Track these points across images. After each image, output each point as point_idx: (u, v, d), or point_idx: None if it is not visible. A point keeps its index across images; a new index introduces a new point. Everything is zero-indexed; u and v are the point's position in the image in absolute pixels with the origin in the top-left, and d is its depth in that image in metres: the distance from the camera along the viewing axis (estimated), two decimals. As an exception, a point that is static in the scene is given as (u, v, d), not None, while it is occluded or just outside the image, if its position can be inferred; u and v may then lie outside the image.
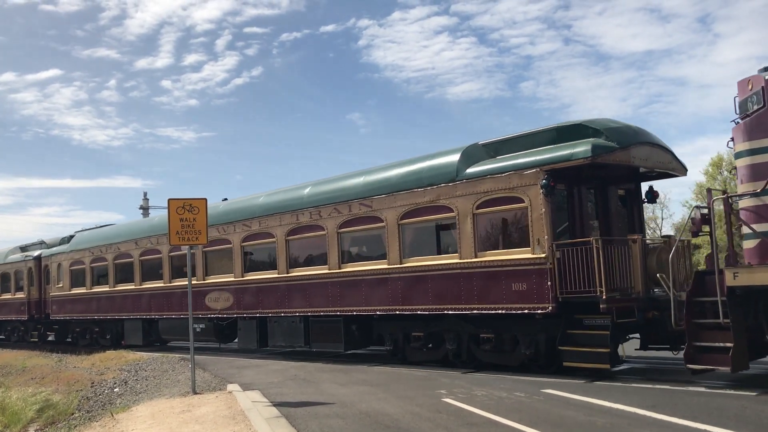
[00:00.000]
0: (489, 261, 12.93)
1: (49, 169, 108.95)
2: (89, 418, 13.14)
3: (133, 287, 23.22)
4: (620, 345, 12.38)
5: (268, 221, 17.99)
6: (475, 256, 13.12)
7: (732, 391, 9.70)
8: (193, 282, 16.98)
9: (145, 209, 48.30)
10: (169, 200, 12.90)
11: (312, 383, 12.57)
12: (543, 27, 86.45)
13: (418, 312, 14.10)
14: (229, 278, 19.04)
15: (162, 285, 21.79)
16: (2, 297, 32.78)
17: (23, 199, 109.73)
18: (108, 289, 24.67)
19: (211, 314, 18.55)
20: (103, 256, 24.95)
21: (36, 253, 30.50)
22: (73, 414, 14.11)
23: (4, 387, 17.98)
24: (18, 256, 32.23)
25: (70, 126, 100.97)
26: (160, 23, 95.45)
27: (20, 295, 31.08)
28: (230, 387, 12.48)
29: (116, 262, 24.34)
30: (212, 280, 19.66)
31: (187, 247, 13.24)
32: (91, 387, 16.64)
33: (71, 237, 28.57)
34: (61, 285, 27.56)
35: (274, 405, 10.25)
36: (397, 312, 14.50)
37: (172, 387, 13.61)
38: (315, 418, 9.25)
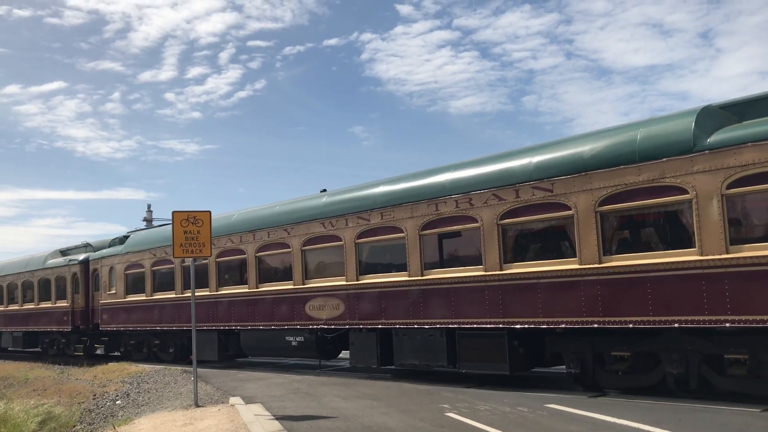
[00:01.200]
0: (751, 258, 9.60)
1: (52, 180, 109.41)
2: (91, 431, 13.12)
3: (208, 293, 19.65)
4: None
5: (395, 213, 14.58)
6: (726, 251, 9.86)
7: (736, 408, 9.64)
8: (289, 287, 16.13)
9: (149, 221, 48.35)
10: (173, 213, 12.94)
11: (314, 397, 12.54)
12: (545, 41, 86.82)
13: (629, 325, 10.84)
14: (338, 282, 15.66)
15: (246, 290, 18.31)
16: (41, 306, 29.62)
17: (27, 211, 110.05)
18: (174, 295, 21.22)
19: (313, 325, 15.94)
20: (168, 258, 21.42)
21: (82, 256, 27.44)
22: (75, 426, 14.11)
23: (7, 399, 17.95)
24: (60, 260, 28.88)
25: (73, 138, 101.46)
26: (164, 36, 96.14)
27: (62, 303, 27.85)
28: (232, 400, 12.44)
29: (185, 264, 20.62)
30: (315, 284, 16.30)
31: (192, 259, 13.25)
32: (93, 399, 16.61)
33: (125, 237, 25.79)
34: (113, 291, 24.37)
35: (277, 418, 10.22)
36: (595, 325, 11.24)
37: (174, 400, 13.57)
38: (317, 431, 9.23)
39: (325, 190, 17.52)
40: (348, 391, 13.04)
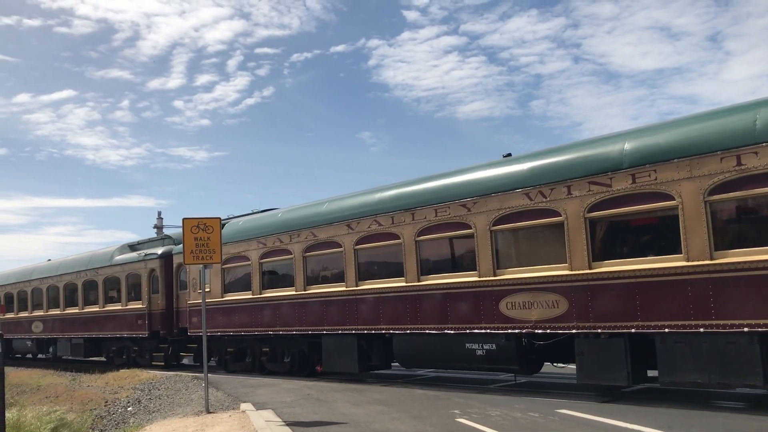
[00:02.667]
0: None
1: (62, 188, 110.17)
2: (103, 437, 13.19)
3: (343, 289, 15.64)
4: None
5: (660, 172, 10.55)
6: None
7: (749, 414, 9.57)
8: (477, 279, 12.74)
9: (159, 228, 48.60)
10: (183, 220, 13.05)
11: (325, 402, 12.55)
12: (552, 46, 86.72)
13: None
14: (557, 272, 11.67)
15: (403, 285, 14.22)
16: (107, 308, 25.65)
17: (38, 219, 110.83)
18: (293, 292, 17.07)
19: (512, 328, 12.19)
20: (284, 248, 17.45)
21: (160, 250, 23.71)
22: (87, 433, 14.16)
23: (20, 405, 18.05)
24: (131, 255, 25.10)
25: (83, 146, 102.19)
26: (172, 44, 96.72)
27: (136, 305, 23.93)
28: (243, 406, 12.47)
29: (309, 254, 16.78)
30: (514, 275, 12.29)
31: (201, 267, 13.31)
32: (105, 406, 16.70)
33: (221, 225, 21.18)
34: (207, 290, 18.98)
35: (288, 424, 10.24)
36: None
37: (185, 406, 13.62)
38: (328, 437, 9.24)
39: (509, 155, 13.68)
40: (359, 397, 13.04)
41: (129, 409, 15.39)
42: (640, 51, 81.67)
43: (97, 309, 26.27)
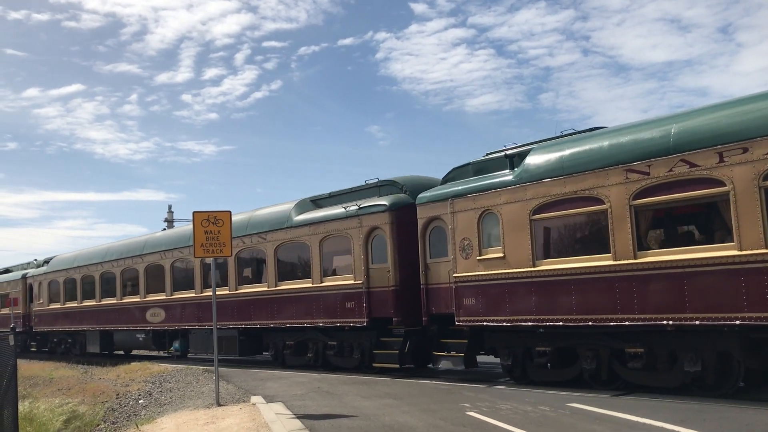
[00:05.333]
0: None
1: (73, 182, 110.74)
2: (114, 430, 13.28)
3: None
4: None
5: None
6: None
7: (762, 407, 9.49)
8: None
9: (169, 222, 48.79)
10: (194, 213, 13.06)
11: (335, 396, 12.56)
12: (561, 38, 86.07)
13: None
14: None
15: None
16: (283, 287, 18.42)
17: (48, 213, 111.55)
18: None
19: None
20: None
21: (385, 200, 16.01)
22: (98, 425, 14.27)
23: (32, 398, 18.21)
24: (330, 212, 17.42)
25: (92, 140, 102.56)
26: (179, 38, 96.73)
27: (340, 280, 16.76)
28: (254, 399, 12.50)
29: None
30: None
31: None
32: (117, 398, 16.80)
33: (501, 159, 13.79)
34: (498, 255, 13.12)
35: (298, 417, 10.25)
36: None
37: (196, 399, 13.68)
38: (338, 430, 9.24)
39: None
40: (369, 390, 13.04)
41: (140, 401, 15.48)
42: (650, 43, 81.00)
43: (264, 289, 18.76)
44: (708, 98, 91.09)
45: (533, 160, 12.79)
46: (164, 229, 35.00)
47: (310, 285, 17.34)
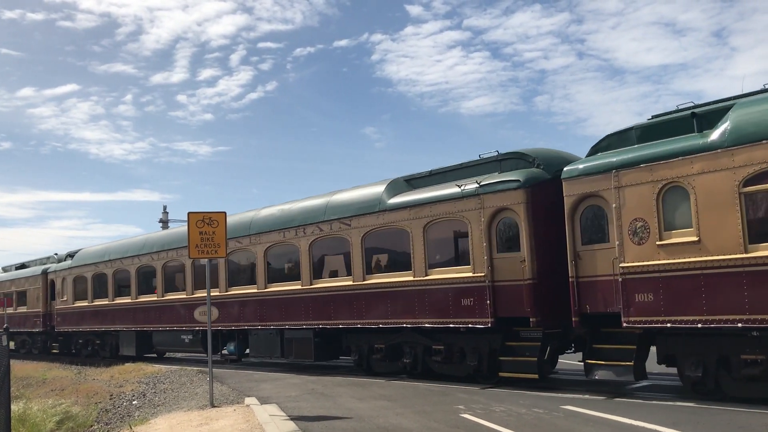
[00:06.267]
0: None
1: (68, 182, 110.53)
2: (108, 431, 13.23)
3: None
4: None
5: None
6: None
7: (756, 410, 9.52)
8: None
9: (164, 222, 48.70)
10: (189, 214, 13.03)
11: (329, 397, 12.54)
12: (556, 41, 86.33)
13: None
14: None
15: None
16: (374, 281, 15.63)
17: (43, 213, 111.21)
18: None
19: None
20: None
21: (513, 177, 13.14)
22: (92, 426, 14.24)
23: (25, 398, 18.13)
24: (440, 192, 14.41)
25: (87, 140, 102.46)
26: (175, 39, 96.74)
27: (453, 273, 13.90)
28: (248, 400, 12.48)
29: None
30: None
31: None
32: (110, 399, 16.75)
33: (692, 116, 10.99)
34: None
35: (292, 419, 10.23)
36: None
37: (190, 400, 13.64)
38: (332, 432, 9.23)
39: None
40: (363, 392, 13.03)
41: (134, 402, 15.43)
42: (645, 46, 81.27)
43: (348, 283, 16.07)
44: (703, 101, 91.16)
45: (741, 117, 10.09)
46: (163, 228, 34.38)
47: (410, 278, 14.57)
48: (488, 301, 12.96)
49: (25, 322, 32.22)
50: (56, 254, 32.44)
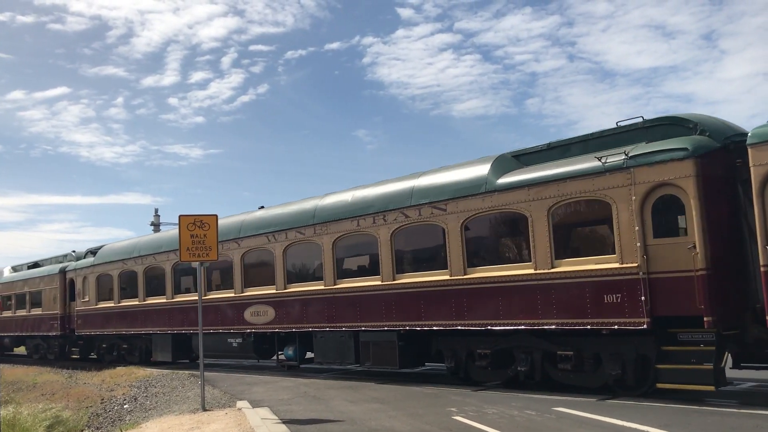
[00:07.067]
0: None
1: (58, 185, 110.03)
2: (99, 435, 13.17)
3: None
4: None
5: None
6: None
7: (746, 410, 9.57)
8: None
9: (156, 225, 48.50)
10: (180, 216, 12.99)
11: (322, 400, 12.52)
12: (547, 44, 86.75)
13: None
14: None
15: None
16: (480, 275, 13.16)
17: (34, 216, 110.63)
18: None
19: None
20: None
21: (677, 145, 10.67)
22: (82, 430, 14.16)
23: (15, 403, 18.01)
24: (567, 168, 12.05)
25: (78, 143, 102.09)
26: (166, 41, 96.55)
27: (590, 264, 11.50)
28: (240, 404, 12.44)
29: None
30: None
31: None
32: (101, 403, 16.67)
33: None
34: None
35: (284, 422, 10.21)
36: None
37: (181, 404, 13.59)
38: (324, 435, 9.22)
39: None
40: (355, 395, 13.02)
41: (125, 406, 15.36)
42: (635, 49, 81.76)
43: (444, 278, 13.70)
44: (694, 105, 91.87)
45: None
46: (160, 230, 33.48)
47: (531, 272, 12.22)
48: (642, 297, 10.61)
49: (39, 326, 29.41)
50: (74, 251, 29.93)
